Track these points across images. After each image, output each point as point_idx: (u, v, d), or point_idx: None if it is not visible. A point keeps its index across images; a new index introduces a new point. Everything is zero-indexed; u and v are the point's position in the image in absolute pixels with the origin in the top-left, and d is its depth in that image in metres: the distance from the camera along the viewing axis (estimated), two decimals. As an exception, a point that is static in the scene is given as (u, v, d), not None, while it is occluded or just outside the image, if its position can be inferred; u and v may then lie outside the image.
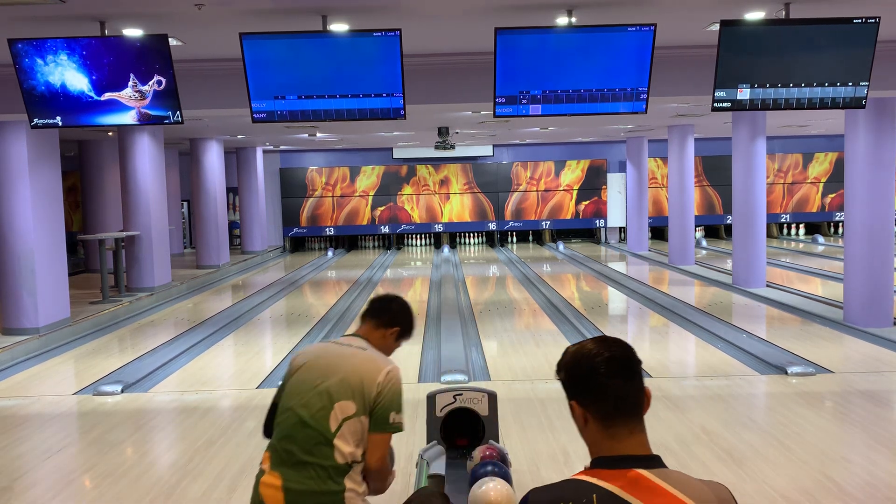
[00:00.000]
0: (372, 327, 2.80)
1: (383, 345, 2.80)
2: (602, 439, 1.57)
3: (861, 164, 8.68)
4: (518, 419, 5.89)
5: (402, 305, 2.86)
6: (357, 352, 2.68)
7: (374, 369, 2.61)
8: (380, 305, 2.85)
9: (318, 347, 2.76)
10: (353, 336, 2.79)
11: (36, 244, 9.17)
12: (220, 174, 16.94)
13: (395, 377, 2.64)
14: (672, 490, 1.50)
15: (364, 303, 11.98)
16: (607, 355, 1.59)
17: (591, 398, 1.58)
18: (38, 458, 5.43)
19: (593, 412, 1.57)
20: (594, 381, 1.57)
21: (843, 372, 7.10)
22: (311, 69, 5.96)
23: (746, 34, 5.87)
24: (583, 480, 1.53)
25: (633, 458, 1.54)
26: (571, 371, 1.62)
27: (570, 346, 1.68)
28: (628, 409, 1.58)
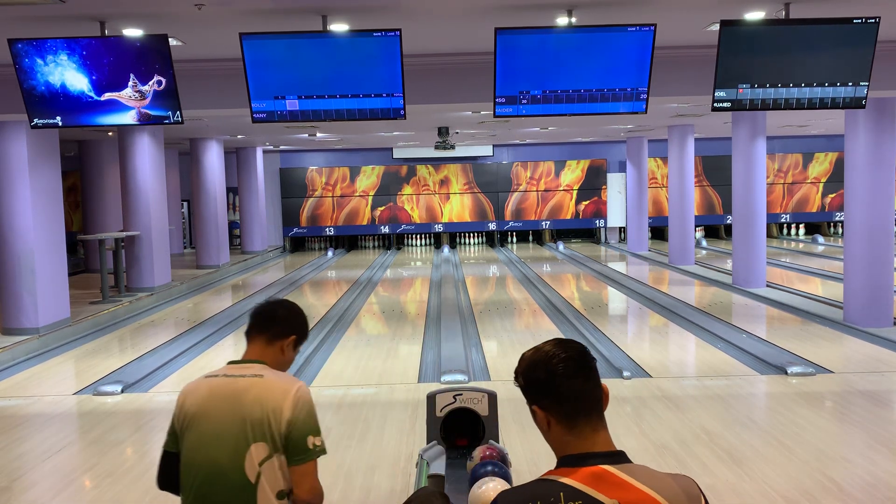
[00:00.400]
0: (264, 344, 2.46)
1: (282, 360, 2.48)
2: (567, 439, 1.60)
3: (861, 164, 8.68)
4: (518, 419, 5.89)
5: (290, 309, 2.54)
6: (254, 382, 2.34)
7: (277, 397, 2.30)
8: (267, 316, 2.50)
9: (208, 387, 2.38)
10: (245, 363, 2.43)
11: (36, 244, 9.17)
12: (220, 174, 16.94)
13: (304, 397, 2.34)
14: (637, 484, 1.53)
15: (363, 303, 12.02)
16: (563, 356, 1.61)
17: (552, 400, 1.60)
18: (38, 458, 5.43)
19: (555, 414, 1.60)
20: (554, 384, 1.59)
21: (843, 372, 7.10)
22: (311, 69, 5.96)
23: (746, 34, 5.87)
24: (550, 479, 1.55)
25: (597, 455, 1.57)
26: (530, 376, 1.64)
27: (525, 352, 1.69)
28: (589, 408, 1.61)
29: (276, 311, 2.51)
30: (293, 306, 2.55)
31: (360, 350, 8.58)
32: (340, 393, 6.87)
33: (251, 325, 2.51)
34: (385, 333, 9.64)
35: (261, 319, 2.50)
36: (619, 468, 1.55)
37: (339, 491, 4.63)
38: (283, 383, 2.35)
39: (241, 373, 2.39)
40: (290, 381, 2.37)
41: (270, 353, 2.46)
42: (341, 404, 6.50)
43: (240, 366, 2.43)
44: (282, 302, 2.56)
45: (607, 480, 1.53)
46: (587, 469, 1.54)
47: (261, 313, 2.52)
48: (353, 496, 4.55)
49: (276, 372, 2.41)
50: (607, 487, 1.51)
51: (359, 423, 5.94)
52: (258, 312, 2.52)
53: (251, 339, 2.49)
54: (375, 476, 4.86)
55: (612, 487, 1.52)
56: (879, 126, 8.52)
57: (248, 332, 2.51)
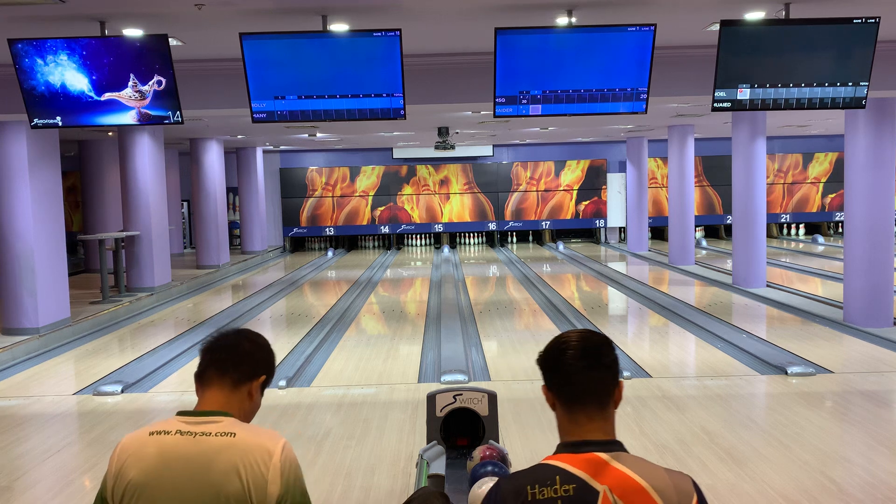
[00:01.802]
0: (228, 389, 1.93)
1: (249, 408, 1.97)
2: (566, 424, 1.68)
3: (861, 164, 8.68)
4: (518, 419, 5.89)
5: (256, 342, 2.02)
6: (225, 443, 1.82)
7: (259, 464, 1.81)
8: (229, 352, 1.96)
9: (158, 448, 1.84)
10: (205, 416, 1.89)
11: (36, 244, 9.17)
12: (220, 174, 16.94)
13: (290, 461, 1.85)
14: (627, 472, 1.60)
15: (363, 303, 12.02)
16: (575, 343, 1.71)
17: (556, 382, 1.70)
18: (38, 458, 5.43)
19: (557, 396, 1.70)
20: (559, 367, 1.70)
21: (843, 372, 7.10)
22: (311, 69, 5.96)
23: (746, 34, 5.87)
24: (548, 464, 1.63)
25: (592, 443, 1.64)
26: (544, 356, 1.75)
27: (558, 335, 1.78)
28: (589, 397, 1.67)
29: (240, 345, 1.98)
30: (258, 337, 2.04)
31: (360, 350, 8.58)
32: (340, 393, 6.87)
33: (207, 363, 1.96)
34: (385, 333, 9.64)
35: (221, 357, 1.95)
36: (611, 456, 1.62)
37: (340, 491, 4.63)
38: (264, 443, 1.84)
39: (203, 430, 1.85)
40: (272, 440, 1.86)
41: (236, 400, 1.94)
42: (341, 404, 6.50)
43: (199, 419, 1.88)
44: (243, 333, 2.03)
45: (600, 467, 1.60)
46: (582, 455, 1.61)
47: (220, 349, 1.97)
48: (353, 496, 4.55)
49: (249, 427, 1.89)
50: (600, 474, 1.59)
51: (359, 423, 5.94)
52: (216, 348, 1.97)
53: (207, 383, 1.94)
54: (375, 476, 4.86)
55: (603, 474, 1.59)
56: (879, 126, 8.52)
57: (203, 372, 1.95)
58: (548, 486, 1.58)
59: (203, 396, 1.95)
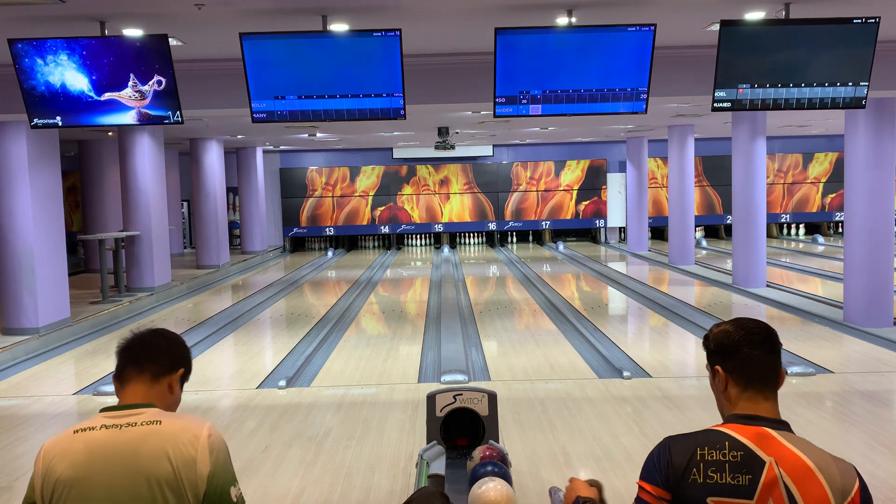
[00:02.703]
0: (149, 381, 1.98)
1: (171, 400, 2.03)
2: (739, 401, 1.83)
3: (861, 165, 8.68)
4: (518, 419, 5.89)
5: (172, 339, 2.09)
6: (150, 430, 1.87)
7: (187, 447, 1.86)
8: (146, 349, 2.02)
9: (84, 444, 1.87)
10: (128, 409, 1.93)
11: (36, 244, 9.17)
12: (220, 174, 16.94)
13: (218, 442, 1.91)
14: (794, 449, 1.74)
15: (363, 303, 12.01)
16: (757, 331, 1.88)
17: (736, 364, 1.85)
18: (38, 458, 5.42)
19: (737, 376, 1.84)
20: (740, 350, 1.85)
21: (843, 372, 7.10)
22: (311, 69, 5.96)
23: (746, 34, 5.87)
24: (717, 430, 1.79)
25: (763, 419, 1.80)
26: (721, 341, 1.88)
27: (716, 324, 1.95)
28: (764, 378, 1.86)
29: (157, 342, 2.04)
30: (174, 335, 2.09)
31: (360, 350, 8.58)
32: (340, 393, 6.87)
33: (125, 362, 2.01)
34: (385, 333, 9.64)
35: (139, 354, 2.01)
36: (780, 433, 1.77)
37: (340, 491, 4.63)
38: (190, 427, 1.89)
39: (128, 421, 1.89)
40: (197, 424, 1.91)
41: (157, 392, 1.99)
42: (341, 404, 6.51)
43: (123, 412, 1.92)
44: (159, 331, 2.09)
45: (767, 440, 1.75)
46: (753, 428, 1.77)
47: (137, 346, 2.03)
48: (353, 496, 4.55)
49: (174, 414, 1.95)
50: (766, 445, 1.73)
51: (359, 423, 5.94)
52: (133, 346, 2.03)
53: (127, 379, 1.99)
54: (375, 476, 4.86)
55: (771, 447, 1.73)
56: (879, 126, 8.52)
57: (122, 371, 2.01)
58: (717, 449, 1.73)
59: (123, 392, 1.99)
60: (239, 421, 6.11)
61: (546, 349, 8.29)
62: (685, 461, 1.75)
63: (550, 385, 6.86)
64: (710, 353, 1.92)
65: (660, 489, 1.78)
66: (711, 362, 1.91)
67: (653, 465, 1.81)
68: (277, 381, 7.17)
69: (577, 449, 5.25)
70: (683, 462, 1.75)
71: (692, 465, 1.74)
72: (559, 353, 8.09)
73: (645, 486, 1.81)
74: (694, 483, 1.73)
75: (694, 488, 1.73)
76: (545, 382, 6.94)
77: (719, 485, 1.71)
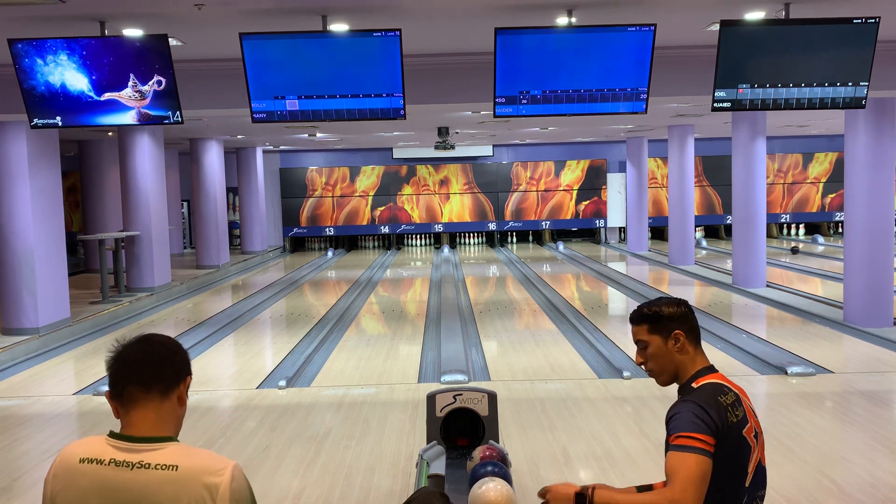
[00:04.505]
0: (158, 401, 1.76)
1: (180, 414, 1.83)
2: (696, 357, 2.30)
3: (861, 165, 8.68)
4: (518, 419, 5.89)
5: (169, 345, 1.84)
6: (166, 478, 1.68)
7: (203, 493, 1.68)
8: (148, 364, 1.77)
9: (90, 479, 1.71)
10: (141, 443, 1.72)
11: (36, 244, 9.17)
12: (220, 174, 16.94)
13: (239, 490, 1.71)
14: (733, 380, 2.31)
15: (363, 303, 12.00)
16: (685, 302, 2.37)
17: (689, 327, 2.31)
18: (38, 458, 5.43)
19: (691, 338, 2.30)
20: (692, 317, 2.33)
21: (843, 372, 7.10)
22: (311, 69, 5.96)
23: (746, 34, 5.86)
24: (711, 382, 2.23)
25: (712, 367, 2.30)
26: (686, 314, 2.33)
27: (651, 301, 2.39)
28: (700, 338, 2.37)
29: (155, 353, 1.80)
30: (169, 339, 1.85)
31: (360, 350, 8.58)
32: (340, 393, 6.87)
33: (126, 380, 1.76)
34: (385, 333, 9.64)
35: (142, 371, 1.76)
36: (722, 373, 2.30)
37: (340, 491, 4.63)
38: (210, 471, 1.69)
39: (140, 459, 1.70)
40: (218, 469, 1.70)
41: (167, 411, 1.78)
42: (341, 404, 6.51)
43: (134, 447, 1.72)
44: (151, 339, 1.83)
45: (727, 380, 2.26)
46: (717, 374, 2.27)
47: (135, 362, 1.77)
48: (353, 496, 4.55)
49: (193, 455, 1.73)
50: (731, 383, 2.26)
51: (359, 423, 5.94)
52: (131, 361, 1.77)
53: (132, 401, 1.76)
54: (375, 476, 4.86)
55: (732, 384, 2.25)
56: (879, 126, 8.52)
57: (122, 391, 1.77)
58: (725, 394, 2.18)
59: (130, 416, 1.76)
60: (239, 421, 6.11)
61: (546, 349, 8.28)
62: (721, 410, 2.14)
63: (550, 385, 6.86)
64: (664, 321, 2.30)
65: (711, 437, 2.08)
66: (668, 328, 2.29)
67: (702, 418, 2.10)
68: (277, 381, 7.17)
69: (577, 449, 5.25)
70: (721, 411, 2.13)
71: (725, 411, 2.14)
72: (559, 353, 8.09)
73: (698, 435, 2.07)
74: (732, 424, 2.14)
75: (734, 428, 2.14)
76: (545, 382, 6.94)
77: (740, 420, 2.16)
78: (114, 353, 1.80)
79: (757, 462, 2.20)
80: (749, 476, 2.16)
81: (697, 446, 2.06)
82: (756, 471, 2.19)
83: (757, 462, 2.20)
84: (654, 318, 2.31)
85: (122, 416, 1.78)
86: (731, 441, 2.13)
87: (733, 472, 2.14)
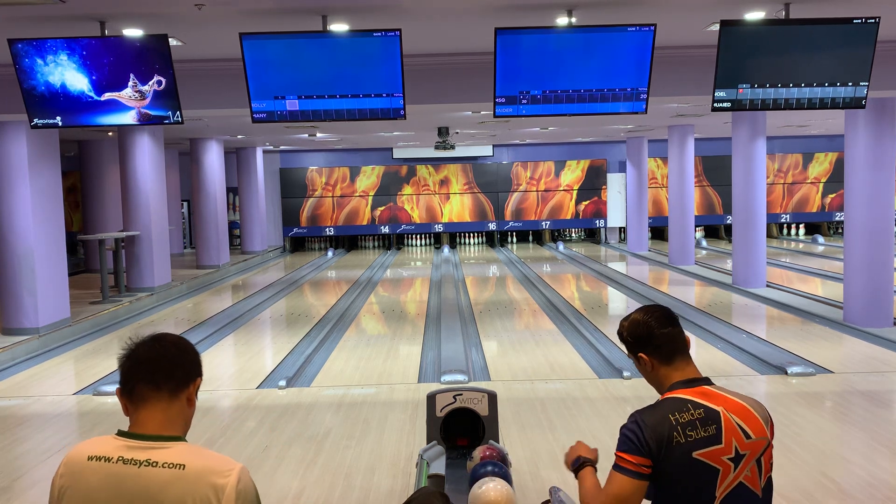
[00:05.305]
0: (167, 400, 1.79)
1: (189, 415, 1.87)
2: (670, 373, 2.16)
3: (861, 165, 8.68)
4: (518, 419, 5.89)
5: (180, 345, 1.88)
6: (173, 476, 1.70)
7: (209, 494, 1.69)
8: (159, 364, 1.80)
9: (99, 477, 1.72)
10: (150, 441, 1.75)
11: (36, 244, 9.17)
12: (220, 174, 16.94)
13: (246, 487, 1.73)
14: (731, 396, 2.10)
15: (363, 303, 12.01)
16: (657, 315, 2.19)
17: (652, 348, 2.16)
18: (38, 458, 5.43)
19: (657, 357, 2.16)
20: (653, 336, 2.16)
21: (843, 372, 7.10)
22: (311, 69, 5.96)
23: (746, 34, 5.86)
24: (673, 397, 2.10)
25: (697, 379, 2.14)
26: (635, 332, 2.19)
27: (624, 319, 2.25)
28: (680, 348, 2.18)
29: (167, 353, 1.82)
30: (181, 340, 1.89)
31: (360, 350, 8.58)
32: (340, 393, 6.87)
33: (136, 378, 1.78)
34: (385, 333, 9.64)
35: (153, 370, 1.79)
36: (713, 387, 2.13)
37: (340, 491, 4.63)
38: (217, 472, 1.71)
39: (148, 457, 1.72)
40: (225, 470, 1.72)
41: (176, 410, 1.81)
42: (341, 404, 6.51)
43: (143, 444, 1.74)
44: (164, 339, 1.86)
45: (711, 395, 2.09)
46: (697, 388, 2.11)
47: (146, 361, 1.80)
48: (353, 496, 4.56)
49: (200, 455, 1.75)
50: (713, 399, 2.08)
51: (359, 423, 5.94)
52: (143, 360, 1.80)
53: (141, 399, 1.78)
54: (375, 476, 4.86)
55: (716, 399, 2.08)
56: (879, 126, 8.52)
57: (132, 389, 1.78)
58: (685, 411, 2.04)
59: (139, 414, 1.78)
60: (239, 421, 6.11)
61: (546, 349, 8.28)
62: (665, 429, 2.02)
63: (550, 385, 6.86)
64: (628, 345, 2.22)
65: (642, 458, 2.01)
66: (633, 351, 2.21)
67: (633, 438, 2.03)
68: (277, 381, 7.17)
69: (577, 449, 5.25)
70: (663, 430, 2.02)
71: (671, 430, 2.02)
72: (559, 353, 8.09)
73: (627, 456, 2.03)
74: (678, 444, 2.01)
75: (679, 448, 2.01)
76: (545, 382, 6.94)
77: (697, 440, 2.01)
78: (126, 351, 1.82)
79: (734, 485, 2.02)
80: (718, 500, 2.01)
81: (624, 466, 2.03)
82: (733, 494, 2.02)
83: (734, 485, 2.02)
84: (621, 339, 2.26)
85: (131, 414, 1.80)
86: (675, 462, 2.00)
87: (690, 494, 2.02)
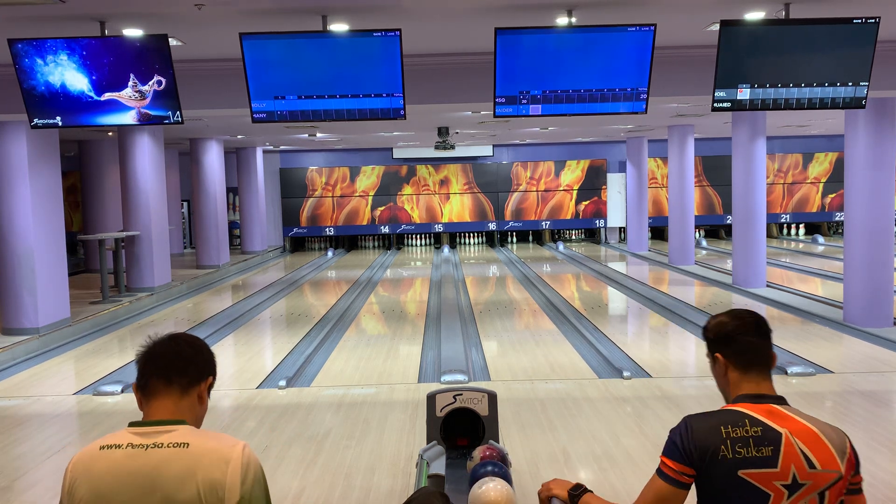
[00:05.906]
0: (177, 396, 1.87)
1: (201, 412, 1.94)
2: (741, 382, 2.05)
3: (861, 165, 8.68)
4: (518, 419, 5.89)
5: (196, 344, 1.96)
6: (175, 453, 1.76)
7: (216, 469, 1.75)
8: (173, 358, 1.90)
9: (107, 463, 1.78)
10: (156, 426, 1.83)
11: (36, 244, 9.17)
12: (220, 174, 16.94)
13: (253, 463, 1.81)
14: (799, 418, 1.99)
15: (363, 303, 12.01)
16: (749, 320, 2.09)
17: (732, 351, 2.06)
18: (38, 458, 5.43)
19: (734, 362, 2.06)
20: (737, 338, 2.06)
21: (843, 372, 7.10)
22: (311, 69, 5.96)
23: (746, 34, 5.86)
24: (734, 409, 2.00)
25: (768, 397, 2.03)
26: (718, 330, 2.10)
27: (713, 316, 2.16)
28: (761, 361, 2.07)
29: (182, 351, 1.91)
30: (196, 340, 1.97)
31: (360, 350, 8.58)
32: (340, 393, 6.87)
33: (150, 373, 1.89)
34: (385, 333, 9.64)
35: (166, 366, 1.88)
36: (784, 408, 2.02)
37: (340, 491, 4.63)
38: (221, 448, 1.78)
39: (153, 441, 1.79)
40: (229, 445, 1.80)
41: (186, 405, 1.88)
42: (341, 404, 6.50)
43: (150, 429, 1.82)
44: (181, 338, 1.95)
45: (778, 415, 1.99)
46: (763, 405, 2.00)
47: (161, 357, 1.90)
48: (353, 496, 4.56)
49: (205, 434, 1.83)
50: (778, 419, 1.97)
51: (359, 423, 5.94)
52: (158, 356, 1.90)
53: (153, 393, 1.88)
54: (375, 476, 4.86)
55: (782, 420, 1.97)
56: (879, 126, 8.52)
57: (146, 384, 1.89)
58: (739, 426, 1.94)
59: (149, 406, 1.87)
60: (239, 421, 6.11)
61: (546, 349, 8.28)
62: (713, 440, 1.94)
63: (550, 385, 6.86)
64: (709, 343, 2.13)
65: (683, 465, 1.96)
66: (711, 350, 2.12)
67: (678, 443, 1.98)
68: (277, 381, 7.17)
69: (577, 449, 5.25)
70: (711, 440, 1.94)
71: (720, 442, 1.93)
72: (559, 353, 8.09)
73: (668, 462, 1.98)
74: (724, 459, 1.92)
75: (725, 464, 1.92)
76: (545, 382, 6.94)
77: (747, 458, 1.91)
78: (144, 348, 1.93)
79: None
80: None
81: (664, 471, 1.98)
82: None
83: None
84: (704, 336, 2.16)
85: (144, 407, 1.90)
86: (719, 477, 1.93)
87: None
